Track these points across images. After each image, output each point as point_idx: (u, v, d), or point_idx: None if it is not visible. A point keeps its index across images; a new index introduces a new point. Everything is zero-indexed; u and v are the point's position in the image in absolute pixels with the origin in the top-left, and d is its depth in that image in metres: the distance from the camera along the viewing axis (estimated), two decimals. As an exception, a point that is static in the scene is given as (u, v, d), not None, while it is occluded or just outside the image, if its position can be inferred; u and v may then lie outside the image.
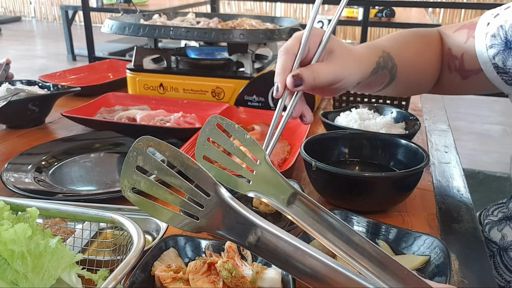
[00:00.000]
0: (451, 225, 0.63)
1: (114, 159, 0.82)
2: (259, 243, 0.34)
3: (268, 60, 1.22)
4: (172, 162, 0.35)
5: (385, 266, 0.37)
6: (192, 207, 0.35)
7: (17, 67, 5.02)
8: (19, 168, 0.73)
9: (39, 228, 0.42)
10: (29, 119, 0.97)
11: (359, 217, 0.57)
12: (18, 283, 0.39)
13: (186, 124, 0.91)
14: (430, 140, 0.95)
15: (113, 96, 1.08)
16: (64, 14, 5.01)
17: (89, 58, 3.38)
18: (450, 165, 0.82)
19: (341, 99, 1.00)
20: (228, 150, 0.43)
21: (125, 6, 4.11)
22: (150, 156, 0.34)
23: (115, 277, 0.36)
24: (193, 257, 0.51)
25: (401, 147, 0.71)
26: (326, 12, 4.82)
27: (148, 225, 0.56)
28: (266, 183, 0.41)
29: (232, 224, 0.35)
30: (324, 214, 0.41)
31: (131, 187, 0.34)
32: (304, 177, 0.75)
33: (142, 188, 0.34)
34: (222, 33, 0.99)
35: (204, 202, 0.35)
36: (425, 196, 0.71)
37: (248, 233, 0.34)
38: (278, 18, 1.30)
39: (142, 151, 0.34)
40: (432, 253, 0.51)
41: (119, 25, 1.05)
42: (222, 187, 0.35)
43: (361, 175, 0.64)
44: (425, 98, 1.26)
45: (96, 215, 0.46)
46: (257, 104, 1.03)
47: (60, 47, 5.95)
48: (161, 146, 0.35)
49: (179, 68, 1.12)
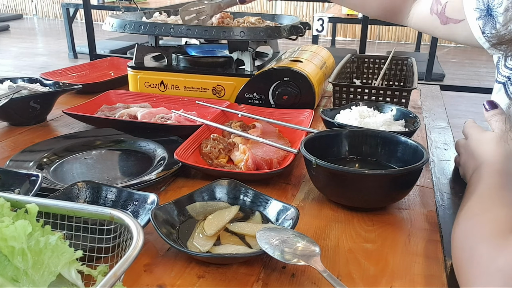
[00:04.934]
0: (450, 222, 0.63)
1: (115, 156, 0.83)
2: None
3: (269, 57, 1.22)
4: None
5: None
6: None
7: (19, 64, 5.04)
8: (21, 165, 0.74)
9: (39, 224, 0.43)
10: (30, 116, 0.97)
11: (246, 187, 0.63)
12: (18, 280, 0.39)
13: (186, 121, 0.92)
14: (429, 137, 0.95)
15: (114, 93, 1.08)
16: (65, 12, 5.02)
17: (90, 55, 3.39)
18: (450, 163, 0.83)
19: (341, 97, 1.00)
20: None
21: (126, 4, 4.11)
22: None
23: (114, 273, 0.36)
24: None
25: (400, 144, 0.71)
26: (327, 10, 4.82)
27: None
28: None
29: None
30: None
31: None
32: (304, 175, 0.75)
33: None
34: (222, 31, 0.99)
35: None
36: (424, 193, 0.71)
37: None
38: (278, 16, 1.30)
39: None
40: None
41: (120, 23, 1.05)
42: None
43: (361, 172, 0.64)
44: (425, 96, 1.26)
45: (95, 211, 0.46)
46: (258, 101, 1.03)
47: (62, 45, 5.95)
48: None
49: (180, 65, 1.12)
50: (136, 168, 0.77)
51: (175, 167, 0.73)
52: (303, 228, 0.60)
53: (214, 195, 0.63)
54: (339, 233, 0.59)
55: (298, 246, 0.50)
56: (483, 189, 0.56)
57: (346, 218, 0.63)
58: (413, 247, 0.57)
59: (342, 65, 1.13)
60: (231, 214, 0.60)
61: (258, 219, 0.60)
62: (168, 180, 0.73)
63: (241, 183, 0.64)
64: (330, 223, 0.62)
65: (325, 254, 0.55)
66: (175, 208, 0.59)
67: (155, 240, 0.57)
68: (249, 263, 0.53)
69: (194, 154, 0.78)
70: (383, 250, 0.56)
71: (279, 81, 1.00)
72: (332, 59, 1.27)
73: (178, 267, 0.52)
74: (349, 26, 7.10)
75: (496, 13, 0.68)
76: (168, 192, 0.70)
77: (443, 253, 0.56)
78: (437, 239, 0.59)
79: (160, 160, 0.77)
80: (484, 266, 0.44)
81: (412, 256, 0.55)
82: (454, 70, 5.04)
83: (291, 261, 0.48)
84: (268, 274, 0.51)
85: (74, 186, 0.62)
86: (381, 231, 0.60)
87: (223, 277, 0.51)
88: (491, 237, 0.46)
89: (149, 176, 0.70)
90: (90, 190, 0.62)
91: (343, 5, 1.03)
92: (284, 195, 0.69)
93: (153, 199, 0.58)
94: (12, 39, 6.76)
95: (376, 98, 0.97)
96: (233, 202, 0.63)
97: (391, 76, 1.21)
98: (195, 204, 0.61)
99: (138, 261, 0.53)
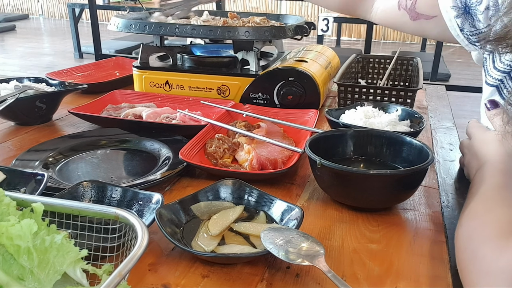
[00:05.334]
0: (455, 223, 0.63)
1: (120, 155, 0.83)
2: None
3: (274, 57, 1.22)
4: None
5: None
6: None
7: (25, 64, 5.07)
8: (27, 164, 0.74)
9: (44, 223, 0.43)
10: (36, 116, 0.97)
11: (251, 187, 0.63)
12: (24, 278, 0.39)
13: (191, 121, 0.92)
14: (435, 137, 0.95)
15: (119, 93, 1.08)
16: (71, 12, 5.04)
17: (96, 55, 3.40)
18: (455, 163, 0.82)
19: (346, 97, 1.00)
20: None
21: (132, 4, 4.12)
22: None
23: (119, 273, 0.36)
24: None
25: (406, 144, 0.71)
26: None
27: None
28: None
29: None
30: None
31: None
32: (309, 175, 0.75)
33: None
34: (227, 31, 0.99)
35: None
36: (430, 193, 0.70)
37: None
38: (283, 16, 1.30)
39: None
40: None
41: (125, 22, 1.05)
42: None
43: (366, 173, 0.64)
44: (430, 96, 1.25)
45: (101, 211, 0.46)
46: (263, 101, 1.03)
47: (67, 45, 5.98)
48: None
49: (185, 65, 1.12)
50: (141, 167, 0.77)
51: (180, 166, 0.73)
52: (307, 228, 0.60)
53: (218, 195, 0.63)
54: (344, 234, 0.59)
55: (303, 246, 0.50)
56: (486, 190, 0.56)
57: (351, 218, 0.63)
58: (418, 248, 0.57)
59: (347, 65, 1.12)
60: (235, 214, 0.60)
61: (263, 219, 0.60)
62: (173, 179, 0.73)
63: (246, 183, 0.64)
64: (334, 223, 0.62)
65: (329, 254, 0.55)
66: (179, 207, 0.59)
67: (160, 240, 0.57)
68: (254, 263, 0.53)
69: (199, 154, 0.78)
70: (388, 250, 0.56)
71: (284, 81, 1.00)
72: (337, 59, 1.26)
73: (183, 266, 0.52)
74: (354, 26, 7.09)
75: (475, 11, 0.68)
76: (172, 192, 0.70)
77: (448, 254, 0.56)
78: (442, 240, 0.59)
79: (165, 160, 0.78)
80: (487, 267, 0.44)
81: (417, 256, 0.55)
82: (459, 70, 5.02)
83: (296, 261, 0.48)
84: (272, 274, 0.51)
85: (79, 186, 0.62)
86: (386, 232, 0.60)
87: (228, 276, 0.51)
88: (494, 238, 0.46)
89: (154, 176, 0.70)
90: (95, 190, 0.62)
91: (307, 1, 1.03)
92: (289, 195, 0.69)
93: (158, 199, 0.58)
94: (18, 39, 6.79)
95: (381, 98, 0.97)
96: (238, 202, 0.63)
97: (396, 76, 1.21)
98: (200, 204, 0.61)
99: (143, 260, 0.53)
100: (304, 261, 0.48)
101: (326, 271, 0.46)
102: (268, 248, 0.49)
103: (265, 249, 0.49)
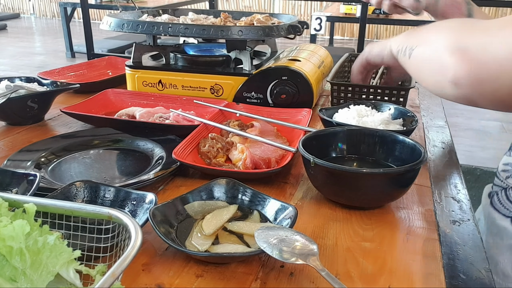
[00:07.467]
0: (448, 220, 0.63)
1: (113, 155, 0.82)
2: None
3: (267, 57, 1.22)
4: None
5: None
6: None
7: (16, 64, 5.03)
8: (19, 164, 0.74)
9: (37, 224, 0.43)
10: (28, 116, 0.97)
11: (245, 187, 0.63)
12: (17, 280, 0.39)
13: (185, 121, 0.92)
14: (427, 136, 0.95)
15: (112, 92, 1.08)
16: (63, 11, 5.01)
17: (88, 55, 3.38)
18: (448, 161, 0.83)
19: (339, 96, 1.00)
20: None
21: (124, 3, 4.10)
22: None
23: (113, 273, 0.36)
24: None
25: (398, 143, 0.71)
26: (325, 9, 4.82)
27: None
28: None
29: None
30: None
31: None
32: (303, 174, 0.75)
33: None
34: (220, 30, 0.99)
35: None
36: (422, 192, 0.71)
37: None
38: (276, 15, 1.30)
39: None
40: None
41: (118, 22, 1.05)
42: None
43: (359, 171, 0.64)
44: (423, 95, 1.26)
45: (94, 211, 0.46)
46: (256, 100, 1.03)
47: (59, 44, 5.94)
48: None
49: (178, 64, 1.12)
50: (134, 167, 0.77)
51: (173, 166, 0.72)
52: (301, 227, 0.60)
53: (212, 194, 0.63)
54: (337, 232, 0.60)
55: (297, 245, 0.50)
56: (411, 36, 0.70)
57: (344, 217, 0.63)
58: (411, 246, 0.57)
59: (340, 64, 1.13)
60: (229, 213, 0.60)
61: (257, 218, 0.60)
62: (166, 179, 0.73)
63: (239, 182, 0.64)
64: (328, 222, 0.62)
65: (323, 253, 0.55)
66: (173, 207, 0.59)
67: (154, 240, 0.57)
68: (248, 262, 0.53)
69: (192, 154, 0.78)
70: (381, 248, 0.56)
71: (277, 80, 1.00)
72: (330, 58, 1.27)
73: (177, 266, 0.52)
74: (347, 25, 7.11)
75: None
76: (166, 192, 0.70)
77: (441, 252, 0.56)
78: (435, 237, 0.59)
79: (158, 160, 0.77)
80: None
81: (410, 254, 0.55)
82: (452, 69, 5.03)
83: (290, 260, 0.48)
84: (266, 273, 0.51)
85: (72, 186, 0.62)
86: (379, 230, 0.60)
87: (222, 276, 0.51)
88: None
89: (147, 176, 0.70)
90: (88, 190, 0.62)
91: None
92: (283, 194, 0.69)
93: (151, 199, 0.58)
94: (10, 38, 6.74)
95: (374, 97, 0.97)
96: (232, 201, 0.63)
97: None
98: (194, 204, 0.61)
99: (136, 260, 0.53)
100: (298, 260, 0.48)
101: (320, 270, 0.46)
102: (262, 247, 0.49)
103: (259, 248, 0.49)
